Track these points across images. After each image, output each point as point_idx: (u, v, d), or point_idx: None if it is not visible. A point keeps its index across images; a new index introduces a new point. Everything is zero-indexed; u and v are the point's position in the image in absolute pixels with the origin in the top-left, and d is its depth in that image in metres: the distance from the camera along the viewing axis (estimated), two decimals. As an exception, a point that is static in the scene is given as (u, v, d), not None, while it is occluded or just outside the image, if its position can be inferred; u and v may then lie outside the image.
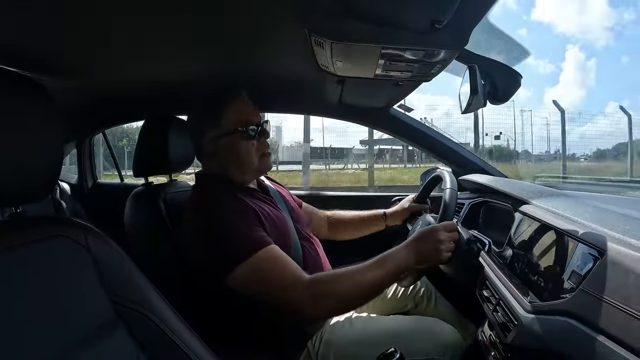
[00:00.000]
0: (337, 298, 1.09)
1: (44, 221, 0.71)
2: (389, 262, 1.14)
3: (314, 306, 1.08)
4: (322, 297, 1.08)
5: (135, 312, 0.73)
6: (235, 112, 1.31)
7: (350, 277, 1.11)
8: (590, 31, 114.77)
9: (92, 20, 0.97)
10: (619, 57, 69.25)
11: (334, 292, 1.09)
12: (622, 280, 0.71)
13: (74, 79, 1.38)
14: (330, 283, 1.11)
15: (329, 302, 1.09)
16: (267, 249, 1.12)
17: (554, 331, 0.83)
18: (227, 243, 1.10)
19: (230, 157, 1.30)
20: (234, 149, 1.30)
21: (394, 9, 0.86)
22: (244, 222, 1.16)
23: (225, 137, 1.29)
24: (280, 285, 1.09)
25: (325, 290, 1.09)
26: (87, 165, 2.50)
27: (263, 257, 1.10)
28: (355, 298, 1.12)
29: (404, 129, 2.03)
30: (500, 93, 1.26)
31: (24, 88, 0.69)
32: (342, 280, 1.11)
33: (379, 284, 1.13)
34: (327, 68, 1.20)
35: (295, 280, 1.09)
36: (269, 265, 1.10)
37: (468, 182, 1.79)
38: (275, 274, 1.10)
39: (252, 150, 1.31)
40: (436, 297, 1.65)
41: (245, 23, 1.05)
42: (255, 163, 1.33)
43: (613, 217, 0.92)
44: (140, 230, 1.38)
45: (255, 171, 1.36)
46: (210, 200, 1.21)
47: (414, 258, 1.15)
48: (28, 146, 0.68)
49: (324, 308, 1.10)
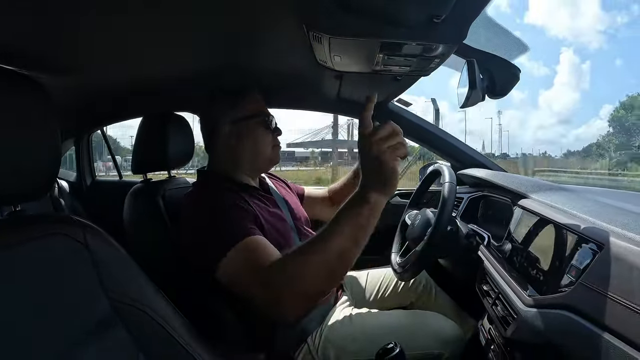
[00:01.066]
0: (304, 285, 0.94)
1: (42, 219, 0.70)
2: (346, 215, 0.94)
3: (276, 305, 0.96)
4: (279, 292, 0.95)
5: (134, 309, 0.73)
6: (255, 101, 1.38)
7: (312, 252, 0.95)
8: (584, 34, 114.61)
9: (90, 18, 0.96)
10: (613, 60, 69.29)
11: (291, 281, 0.94)
12: (621, 274, 0.71)
13: (72, 76, 1.37)
14: (295, 270, 0.95)
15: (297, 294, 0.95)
16: (252, 238, 1.06)
17: (553, 325, 0.83)
18: (218, 232, 1.07)
19: (246, 141, 1.34)
20: (252, 133, 1.34)
21: (392, 3, 0.86)
22: (237, 216, 1.13)
23: (245, 121, 1.33)
24: (249, 283, 1.00)
25: (286, 283, 0.94)
26: (85, 163, 2.50)
27: (248, 245, 1.04)
28: (330, 273, 0.95)
29: (403, 124, 2.01)
30: (498, 87, 1.25)
31: (22, 86, 0.69)
32: (308, 260, 0.94)
33: (349, 246, 0.93)
34: (326, 63, 1.20)
35: (267, 277, 0.98)
36: (254, 253, 1.03)
37: (467, 176, 1.79)
38: (251, 266, 1.01)
39: (266, 139, 1.36)
40: (436, 292, 1.65)
41: (244, 19, 1.04)
42: (269, 152, 1.38)
43: (612, 211, 0.92)
44: (138, 227, 1.38)
45: (266, 160, 1.39)
46: (209, 197, 1.21)
47: (371, 192, 0.92)
48: (26, 144, 0.68)
49: (287, 305, 0.96)
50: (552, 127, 76.34)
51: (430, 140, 2.05)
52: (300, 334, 1.27)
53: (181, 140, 1.53)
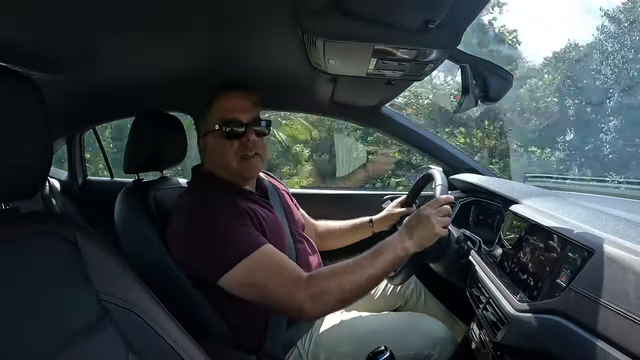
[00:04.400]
0: (337, 293, 1.06)
1: (33, 218, 0.70)
2: (386, 252, 1.11)
3: (314, 303, 1.05)
4: (323, 293, 1.06)
5: (125, 310, 0.73)
6: (219, 107, 1.25)
7: (349, 271, 1.08)
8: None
9: (83, 17, 0.96)
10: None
11: (334, 288, 1.06)
12: (611, 279, 0.72)
13: (65, 74, 1.36)
14: (330, 279, 1.08)
15: (329, 297, 1.06)
16: (263, 248, 1.10)
17: (543, 330, 0.84)
18: (222, 243, 1.08)
19: (213, 156, 1.28)
20: (214, 147, 1.26)
21: (387, 8, 0.86)
22: (238, 222, 1.14)
23: (209, 135, 1.27)
24: (280, 284, 1.06)
25: (325, 286, 1.06)
26: (77, 162, 2.48)
27: (260, 257, 1.08)
28: (355, 291, 1.09)
29: (395, 128, 2.03)
30: (491, 93, 1.26)
31: (14, 83, 0.68)
32: (342, 275, 1.08)
33: (378, 275, 1.10)
34: (320, 66, 1.20)
35: (295, 278, 1.07)
36: (267, 264, 1.09)
37: (459, 181, 1.80)
38: (273, 272, 1.08)
39: (229, 151, 1.24)
40: (425, 296, 1.66)
41: (238, 21, 1.04)
42: (233, 165, 1.24)
43: (603, 218, 0.93)
44: (130, 227, 1.37)
45: (235, 174, 1.27)
46: (203, 200, 1.19)
47: (409, 241, 1.12)
48: (17, 141, 0.67)
49: (324, 304, 1.07)
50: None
51: (423, 145, 2.06)
52: (290, 338, 1.26)
53: (173, 140, 1.52)
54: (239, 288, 1.09)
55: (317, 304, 1.06)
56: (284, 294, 1.06)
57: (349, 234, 1.71)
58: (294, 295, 1.05)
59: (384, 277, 1.14)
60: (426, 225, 1.12)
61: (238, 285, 1.08)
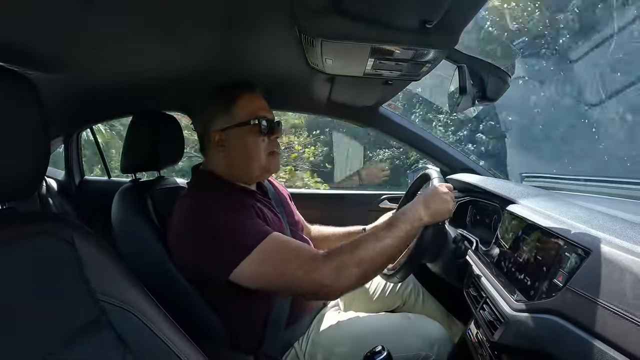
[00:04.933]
0: (358, 266, 1.06)
1: (30, 218, 0.70)
2: (402, 222, 1.13)
3: (337, 277, 1.05)
4: (344, 267, 1.06)
5: (122, 310, 0.73)
6: (248, 104, 1.28)
7: (366, 243, 1.09)
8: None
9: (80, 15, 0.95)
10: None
11: (354, 261, 1.06)
12: (609, 279, 0.72)
13: (62, 73, 1.35)
14: (348, 252, 1.08)
15: (351, 271, 1.06)
16: (272, 236, 1.09)
17: (540, 329, 0.84)
18: (229, 238, 1.07)
19: (237, 150, 1.26)
20: (243, 142, 1.26)
21: (385, 8, 0.86)
22: (242, 216, 1.13)
23: (235, 128, 1.25)
24: (297, 266, 1.06)
25: (344, 260, 1.06)
26: (74, 162, 2.47)
27: (270, 244, 1.07)
28: (375, 263, 1.09)
29: (392, 127, 2.03)
30: (488, 93, 1.26)
31: (10, 82, 0.68)
32: (361, 247, 1.08)
33: (395, 245, 1.11)
34: (317, 66, 1.20)
35: (312, 257, 1.08)
36: (278, 250, 1.08)
37: (456, 181, 1.80)
38: (287, 256, 1.08)
39: (261, 146, 1.27)
40: (424, 296, 1.66)
41: (236, 22, 1.04)
42: (263, 160, 1.28)
43: (600, 217, 0.93)
44: (127, 227, 1.36)
45: (261, 169, 1.29)
46: (205, 200, 1.17)
47: (424, 211, 1.14)
48: (14, 141, 0.67)
49: (345, 278, 1.06)
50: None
51: (420, 145, 2.06)
52: (288, 338, 1.26)
53: (171, 140, 1.52)
54: (254, 280, 1.08)
55: (338, 278, 1.05)
56: (303, 274, 1.06)
57: (342, 240, 1.68)
58: (314, 274, 1.05)
59: (402, 247, 1.14)
60: (442, 200, 1.15)
61: (251, 277, 1.07)
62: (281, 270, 1.06)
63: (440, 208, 1.14)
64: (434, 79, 2.77)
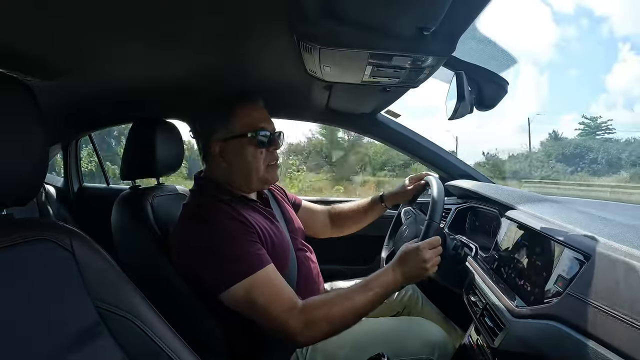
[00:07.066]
0: (328, 323, 1.10)
1: (28, 224, 0.69)
2: (377, 286, 1.16)
3: (306, 331, 1.08)
4: (315, 322, 1.09)
5: (121, 317, 0.72)
6: (247, 115, 1.26)
7: (341, 302, 1.12)
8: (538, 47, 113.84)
9: (80, 22, 0.96)
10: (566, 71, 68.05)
11: (325, 318, 1.09)
12: (608, 284, 0.72)
13: (61, 80, 1.35)
14: (323, 309, 1.11)
15: (321, 326, 1.09)
16: (267, 269, 1.11)
17: (540, 335, 0.84)
18: (228, 258, 1.09)
19: (236, 162, 1.25)
20: (241, 153, 1.25)
21: (382, 15, 0.87)
22: (244, 236, 1.14)
23: (233, 140, 1.24)
24: (275, 309, 1.08)
25: (317, 316, 1.09)
26: (73, 168, 2.47)
27: (262, 277, 1.09)
28: (345, 322, 1.12)
29: (391, 135, 2.04)
30: (486, 100, 1.27)
31: (9, 88, 0.68)
32: (334, 306, 1.11)
33: (368, 307, 1.14)
34: (315, 73, 1.20)
35: (291, 307, 1.09)
36: (264, 289, 1.09)
37: (455, 187, 1.80)
38: (271, 297, 1.09)
39: (259, 158, 1.26)
40: (423, 302, 1.65)
41: (234, 29, 1.04)
42: (261, 172, 1.27)
43: (599, 222, 0.93)
44: (126, 234, 1.36)
45: (260, 180, 1.29)
46: (208, 210, 1.17)
47: (400, 279, 1.17)
48: (12, 147, 0.67)
49: (315, 333, 1.10)
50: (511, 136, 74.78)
51: (419, 152, 2.06)
52: (288, 347, 1.26)
53: (170, 147, 1.52)
54: (236, 304, 1.10)
55: (308, 332, 1.09)
56: (278, 319, 1.08)
57: (363, 216, 1.73)
58: (288, 323, 1.08)
59: (376, 306, 1.16)
60: (420, 268, 1.17)
61: (236, 301, 1.09)
62: (261, 307, 1.09)
63: (416, 272, 1.18)
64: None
